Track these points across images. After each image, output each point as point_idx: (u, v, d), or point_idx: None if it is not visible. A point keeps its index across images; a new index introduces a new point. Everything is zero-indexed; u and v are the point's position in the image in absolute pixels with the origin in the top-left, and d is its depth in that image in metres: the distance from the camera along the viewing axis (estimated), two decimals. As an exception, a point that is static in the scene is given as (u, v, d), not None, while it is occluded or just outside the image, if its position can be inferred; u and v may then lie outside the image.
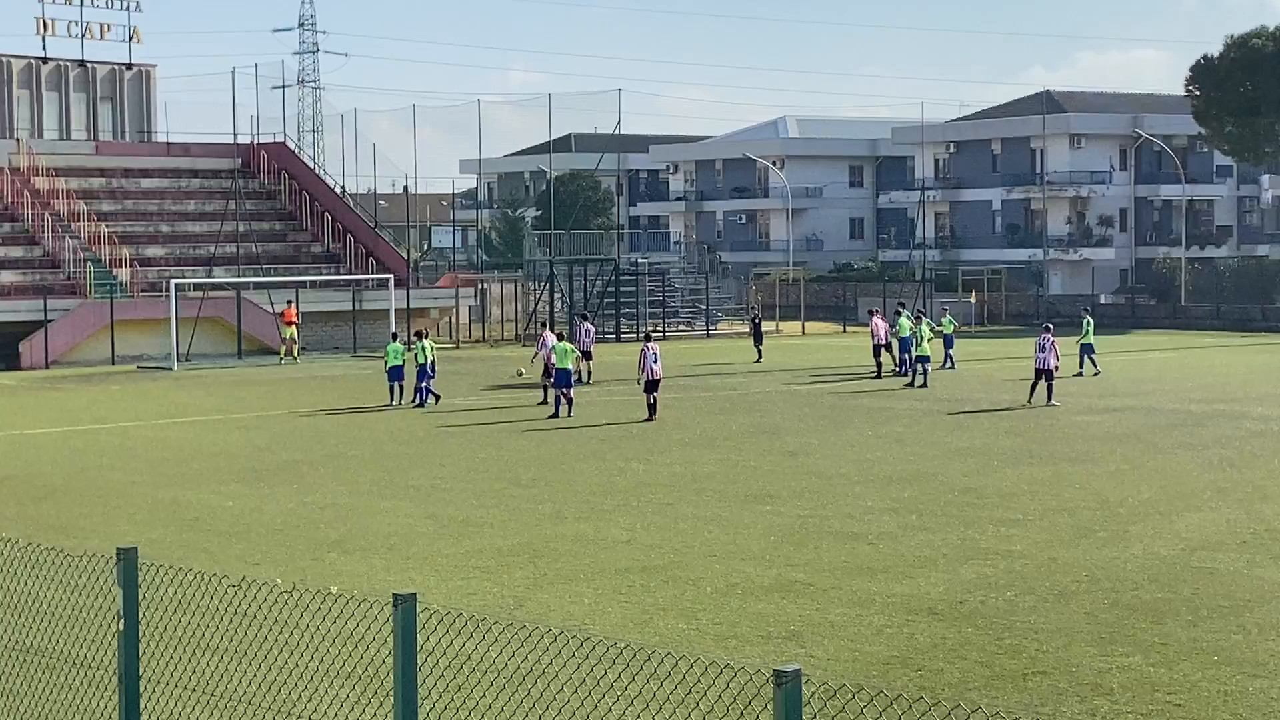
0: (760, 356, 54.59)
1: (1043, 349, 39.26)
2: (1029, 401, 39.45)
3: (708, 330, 74.38)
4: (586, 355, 45.93)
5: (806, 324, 76.05)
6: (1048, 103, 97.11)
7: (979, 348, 62.03)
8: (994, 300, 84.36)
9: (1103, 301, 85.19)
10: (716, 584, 18.35)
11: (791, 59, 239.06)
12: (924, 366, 45.19)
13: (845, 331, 75.02)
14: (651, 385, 36.57)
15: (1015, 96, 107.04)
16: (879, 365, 48.25)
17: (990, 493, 25.19)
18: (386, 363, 42.20)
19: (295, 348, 58.88)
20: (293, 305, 60.00)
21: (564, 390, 37.73)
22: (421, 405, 40.56)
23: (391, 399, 41.43)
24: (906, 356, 46.99)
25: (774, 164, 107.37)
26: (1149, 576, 18.53)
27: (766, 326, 64.11)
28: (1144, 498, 24.58)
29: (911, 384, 44.79)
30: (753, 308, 61.89)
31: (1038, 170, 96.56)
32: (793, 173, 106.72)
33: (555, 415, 37.36)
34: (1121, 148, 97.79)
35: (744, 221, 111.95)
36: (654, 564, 19.58)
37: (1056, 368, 39.71)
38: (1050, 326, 41.63)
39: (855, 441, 32.43)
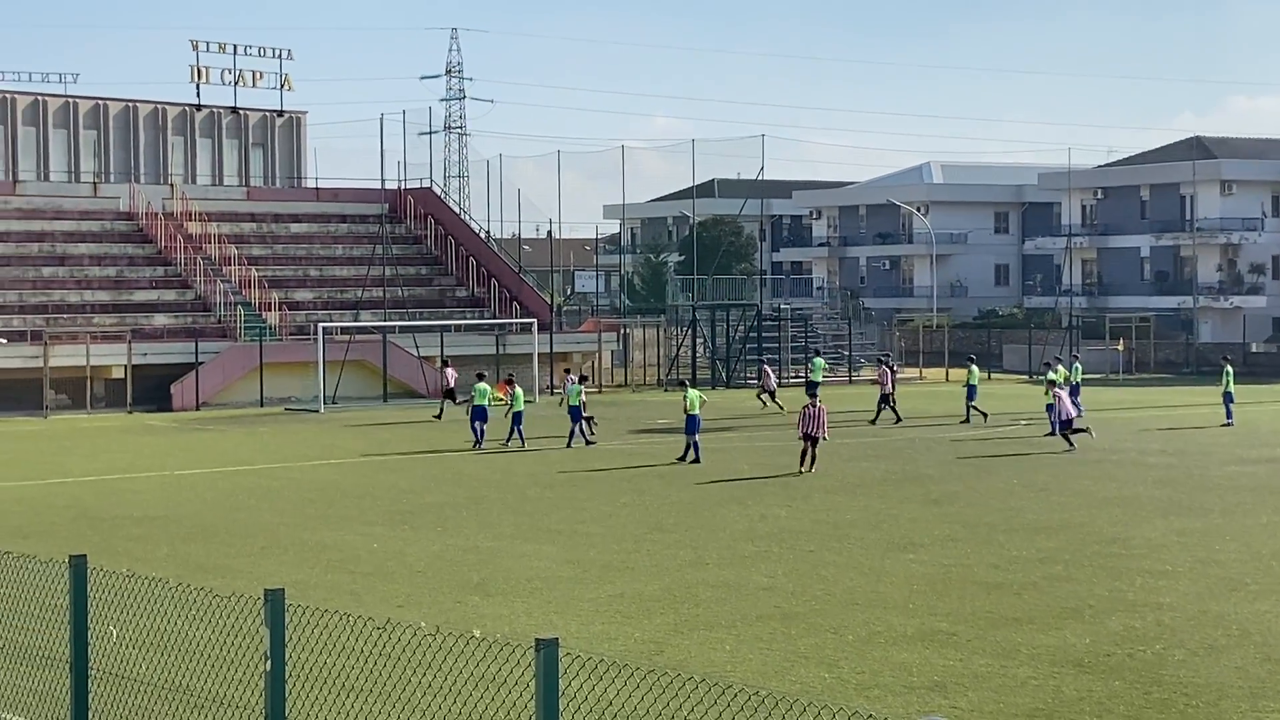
0: (895, 414, 52.57)
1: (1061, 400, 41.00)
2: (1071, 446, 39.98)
3: (850, 376, 73.98)
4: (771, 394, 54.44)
5: (950, 370, 75.32)
6: (1198, 148, 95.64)
7: (1126, 396, 61.07)
8: (1142, 348, 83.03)
9: (1253, 350, 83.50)
10: (858, 632, 18.19)
11: (936, 104, 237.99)
12: (1052, 416, 44.51)
13: (990, 378, 74.28)
14: (811, 439, 35.21)
15: (1165, 142, 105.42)
16: (878, 412, 48.60)
17: (1138, 543, 24.74)
18: (472, 403, 42.82)
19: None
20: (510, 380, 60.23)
21: (691, 435, 37.66)
22: (574, 446, 41.15)
23: (477, 441, 41.95)
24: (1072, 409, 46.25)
25: (918, 210, 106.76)
26: (1304, 632, 18.08)
27: (908, 373, 63.38)
28: (1298, 551, 24.00)
29: (1051, 433, 44.05)
30: (887, 353, 61.26)
31: (1187, 217, 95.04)
32: (937, 218, 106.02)
33: (682, 459, 37.33)
34: (1274, 194, 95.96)
35: (887, 267, 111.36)
36: (795, 611, 19.45)
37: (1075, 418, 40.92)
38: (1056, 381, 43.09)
39: (999, 490, 32.03)
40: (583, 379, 46.43)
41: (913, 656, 16.96)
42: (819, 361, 59.25)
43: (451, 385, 53.22)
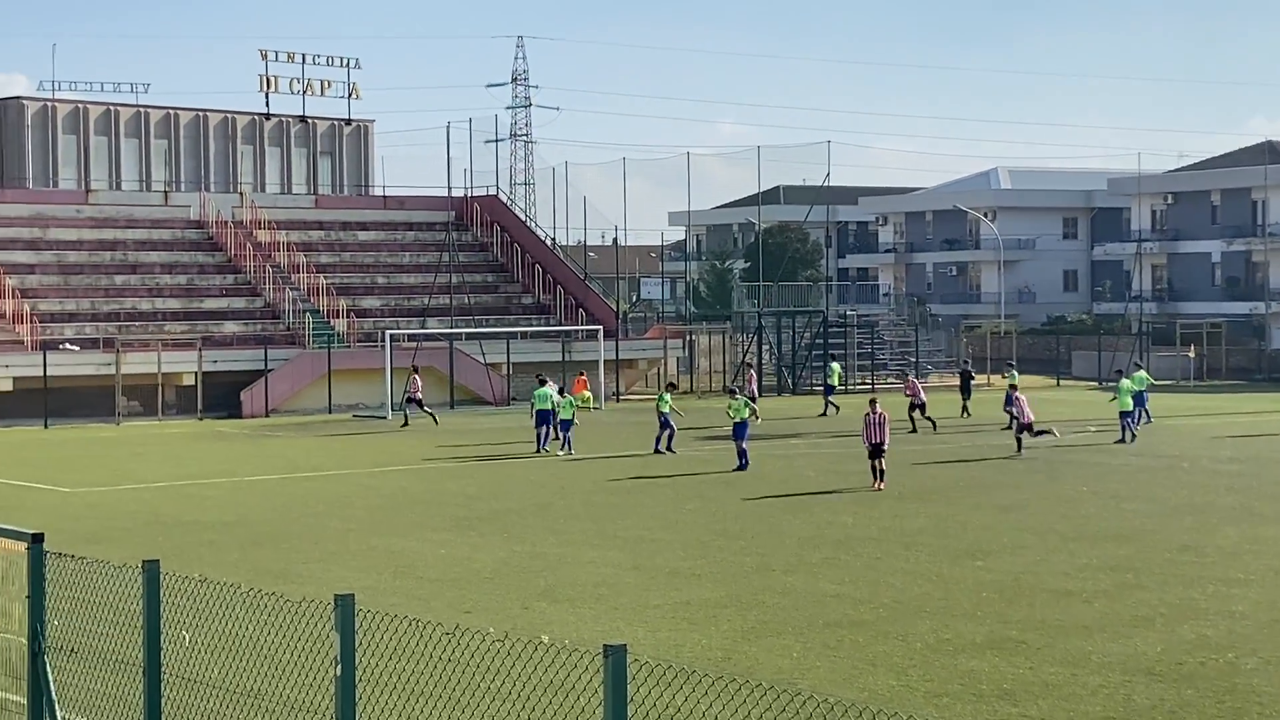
0: (966, 411, 53.57)
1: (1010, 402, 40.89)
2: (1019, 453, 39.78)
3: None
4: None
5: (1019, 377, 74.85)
6: (1269, 153, 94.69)
7: (1197, 403, 60.55)
8: (1213, 354, 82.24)
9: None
10: (927, 640, 18.11)
11: (1004, 109, 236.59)
12: (1127, 421, 44.12)
13: (1059, 385, 73.79)
14: (876, 449, 33.70)
15: (1236, 146, 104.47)
16: (913, 422, 47.72)
17: (1210, 551, 24.52)
18: (533, 407, 43.04)
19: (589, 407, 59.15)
20: (583, 376, 60.44)
21: (739, 441, 37.46)
22: (660, 452, 41.25)
23: (540, 445, 42.18)
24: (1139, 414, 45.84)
25: (985, 215, 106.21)
26: (1380, 641, 17.86)
27: (977, 379, 63.14)
28: (1373, 559, 23.73)
29: (1122, 440, 43.71)
30: (965, 360, 60.87)
31: (1259, 222, 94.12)
32: (1005, 224, 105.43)
33: (739, 469, 37.05)
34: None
35: (954, 273, 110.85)
36: (863, 619, 19.39)
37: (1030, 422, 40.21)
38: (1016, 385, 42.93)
39: (1069, 497, 31.81)
40: (671, 387, 47.26)
41: (982, 664, 16.88)
42: (835, 366, 60.03)
43: (418, 394, 52.34)
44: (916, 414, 48.14)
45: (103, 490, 35.14)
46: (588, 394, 56.78)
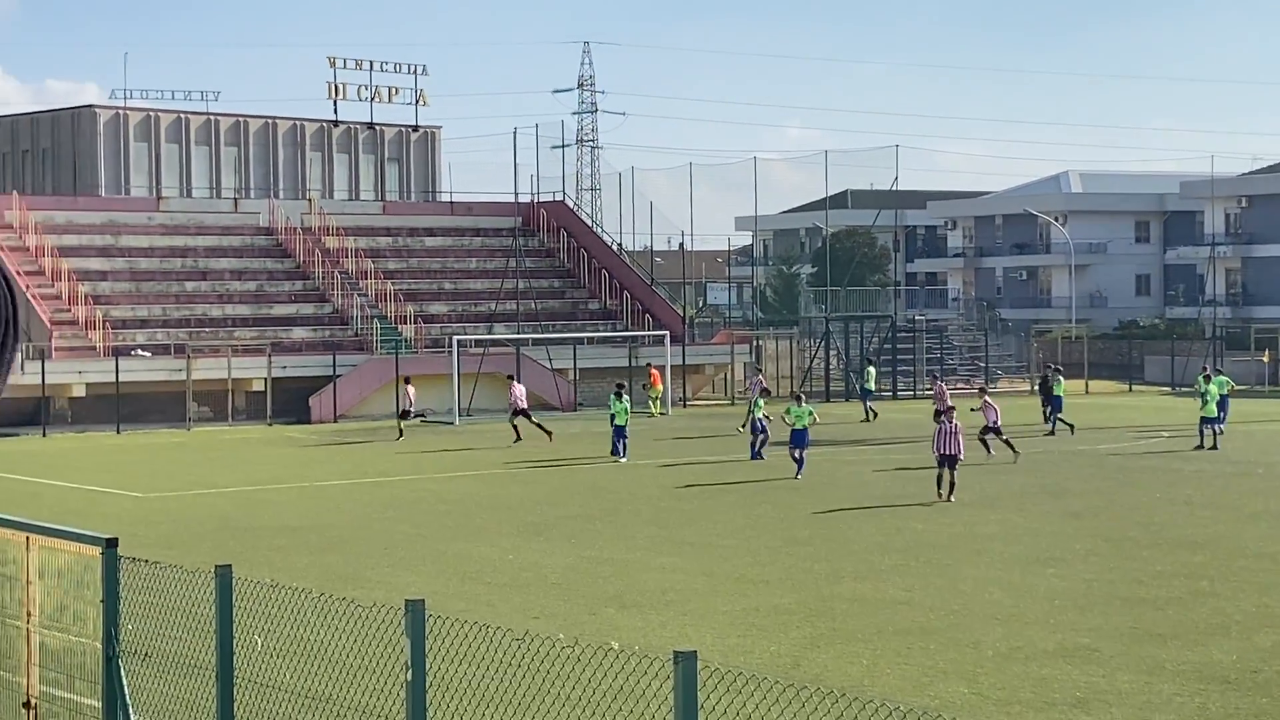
0: (1048, 420, 51.81)
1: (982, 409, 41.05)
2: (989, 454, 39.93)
3: (985, 388, 73.18)
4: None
5: (1090, 383, 74.33)
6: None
7: (1272, 408, 59.89)
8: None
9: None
10: (998, 647, 17.97)
11: (1074, 112, 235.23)
12: (1213, 429, 43.44)
13: (1131, 390, 73.20)
14: (948, 460, 32.37)
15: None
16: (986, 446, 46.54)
17: (1286, 559, 24.22)
18: (614, 420, 42.41)
19: (656, 406, 59.14)
20: (655, 367, 60.44)
21: (797, 450, 37.08)
22: (758, 458, 40.65)
23: (617, 453, 41.95)
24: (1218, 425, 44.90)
25: (1056, 219, 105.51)
26: None
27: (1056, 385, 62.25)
28: None
29: (1200, 446, 43.18)
30: (1048, 365, 60.13)
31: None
32: (1076, 228, 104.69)
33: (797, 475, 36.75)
34: None
35: (1024, 278, 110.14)
36: (933, 626, 19.26)
37: (996, 424, 40.57)
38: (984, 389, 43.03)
39: (1142, 504, 31.52)
40: (765, 392, 47.07)
41: (1054, 672, 16.73)
42: (871, 370, 60.09)
43: (410, 405, 50.52)
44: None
45: (174, 495, 35.40)
46: (660, 388, 56.90)
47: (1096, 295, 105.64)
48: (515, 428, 48.16)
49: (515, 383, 51.32)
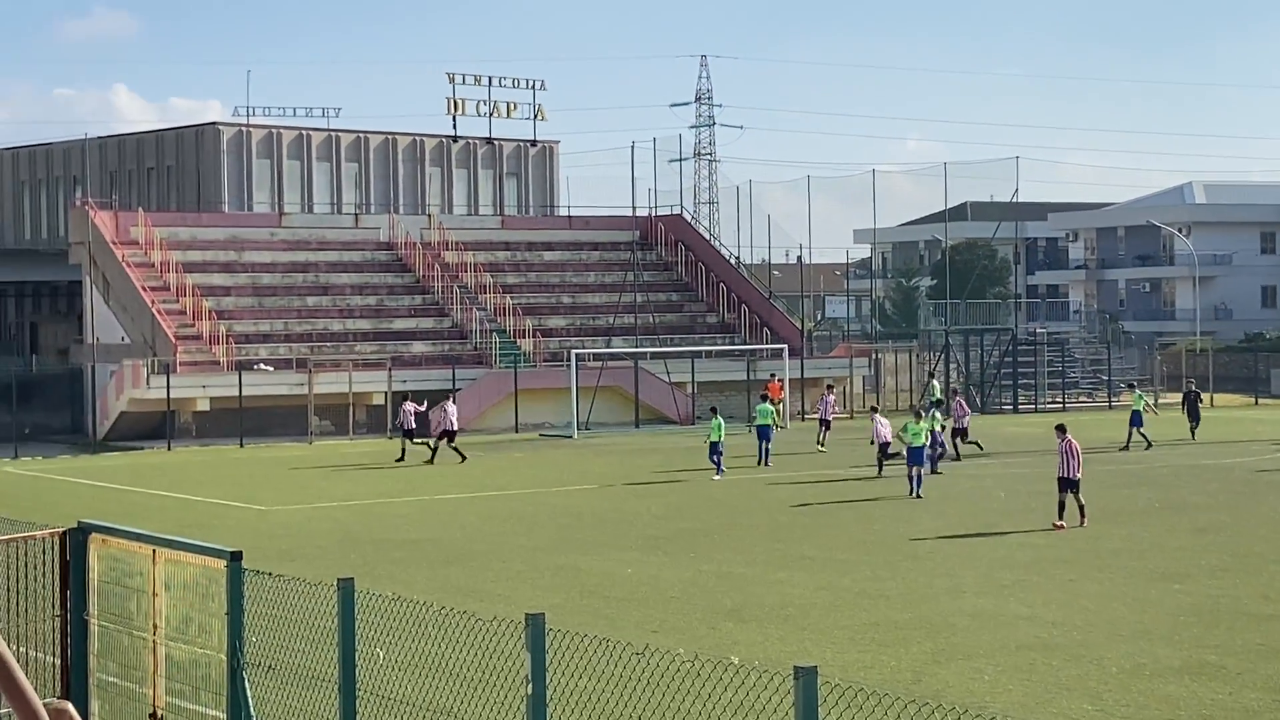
0: (956, 451, 46.23)
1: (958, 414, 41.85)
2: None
3: (1109, 402, 72.34)
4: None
5: (1215, 396, 73.23)
6: None
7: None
8: None
9: None
10: (1122, 664, 17.72)
11: (1197, 123, 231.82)
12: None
13: (1257, 404, 72.00)
14: (1067, 483, 30.02)
15: None
16: (956, 449, 44.77)
17: None
18: (712, 436, 41.37)
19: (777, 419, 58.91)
20: (778, 379, 60.18)
21: (915, 467, 36.31)
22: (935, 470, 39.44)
23: (719, 470, 41.21)
24: None
25: (1180, 231, 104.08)
26: None
27: (1170, 398, 61.70)
28: None
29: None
30: (1189, 380, 59.02)
31: None
32: (1200, 239, 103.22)
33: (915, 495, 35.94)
34: None
35: (1147, 290, 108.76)
36: (1056, 642, 19.03)
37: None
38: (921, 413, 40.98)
39: (1270, 518, 30.98)
40: (919, 414, 43.99)
41: (1180, 689, 16.47)
42: (935, 385, 60.17)
43: (412, 425, 48.18)
44: (959, 440, 45.33)
45: (296, 508, 35.81)
46: (780, 401, 56.66)
47: (1221, 307, 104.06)
48: (432, 448, 46.81)
49: (450, 402, 48.71)
